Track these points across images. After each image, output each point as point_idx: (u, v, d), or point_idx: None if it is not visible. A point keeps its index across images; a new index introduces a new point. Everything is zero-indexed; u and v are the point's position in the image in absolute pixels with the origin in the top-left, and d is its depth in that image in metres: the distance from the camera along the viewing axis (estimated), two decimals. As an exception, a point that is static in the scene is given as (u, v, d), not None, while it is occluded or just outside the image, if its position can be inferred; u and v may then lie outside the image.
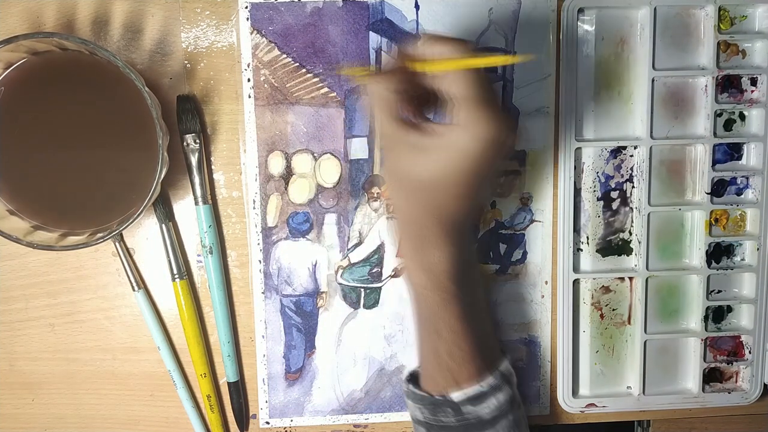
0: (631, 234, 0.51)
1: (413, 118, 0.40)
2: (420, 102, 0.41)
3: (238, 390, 0.49)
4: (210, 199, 0.47)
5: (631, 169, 0.50)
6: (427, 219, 0.40)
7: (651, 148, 0.49)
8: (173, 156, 0.46)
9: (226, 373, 0.49)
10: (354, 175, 0.49)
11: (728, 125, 0.50)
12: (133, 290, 0.48)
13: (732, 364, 0.52)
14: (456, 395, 0.41)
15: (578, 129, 0.49)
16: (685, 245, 0.51)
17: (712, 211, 0.50)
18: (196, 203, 0.47)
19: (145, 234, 0.48)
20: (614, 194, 0.50)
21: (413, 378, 0.45)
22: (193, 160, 0.46)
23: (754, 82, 0.50)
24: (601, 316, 0.52)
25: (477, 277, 0.45)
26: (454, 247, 0.41)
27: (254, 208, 0.48)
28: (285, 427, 0.50)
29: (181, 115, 0.46)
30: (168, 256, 0.47)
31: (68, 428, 0.50)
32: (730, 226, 0.51)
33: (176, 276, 0.47)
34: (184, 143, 0.46)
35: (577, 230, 0.51)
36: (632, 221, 0.51)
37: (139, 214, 0.41)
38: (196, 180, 0.46)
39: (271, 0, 0.46)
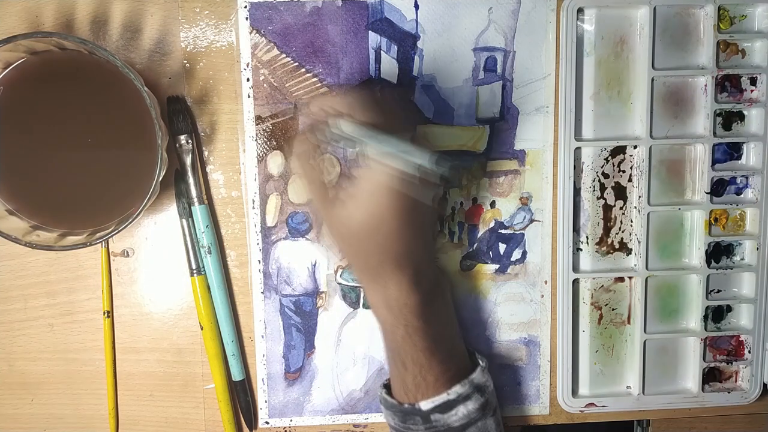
0: (630, 234, 0.51)
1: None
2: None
3: (245, 388, 0.49)
4: (205, 199, 0.47)
5: (631, 168, 0.50)
6: (376, 260, 0.41)
7: (650, 147, 0.49)
8: (172, 156, 0.46)
9: (231, 372, 0.49)
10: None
11: (728, 125, 0.50)
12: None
13: (731, 363, 0.52)
14: (424, 404, 0.42)
15: (578, 128, 0.49)
16: (684, 245, 0.51)
17: (711, 211, 0.50)
18: (191, 204, 0.47)
19: (144, 234, 0.48)
20: (613, 194, 0.50)
21: (387, 384, 0.46)
22: (187, 160, 0.46)
23: (753, 81, 0.50)
24: (601, 315, 0.52)
25: (444, 302, 0.45)
26: (412, 281, 0.41)
27: (253, 207, 0.48)
28: (284, 427, 0.50)
29: (172, 117, 0.46)
30: (187, 252, 0.47)
31: (68, 428, 0.50)
32: (729, 226, 0.51)
33: (194, 271, 0.47)
34: (177, 144, 0.46)
35: (576, 230, 0.50)
36: (632, 221, 0.51)
37: (138, 214, 0.41)
38: (191, 180, 0.46)
39: (271, -1, 0.46)
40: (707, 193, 0.50)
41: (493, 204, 0.50)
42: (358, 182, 0.39)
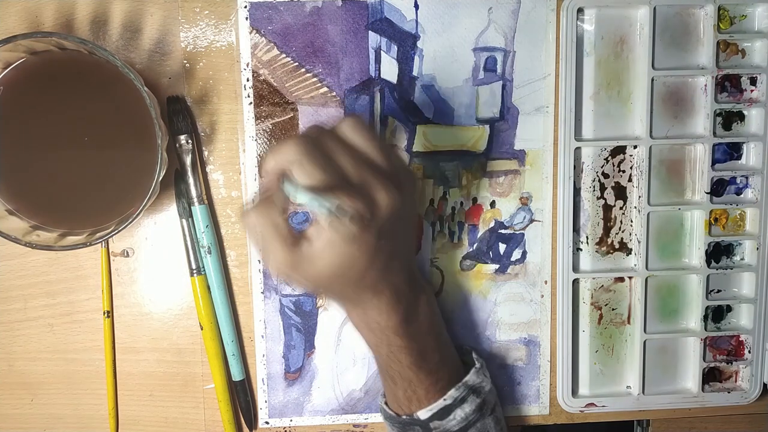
0: (630, 234, 0.51)
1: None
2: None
3: (245, 388, 0.49)
4: (205, 199, 0.47)
5: (631, 168, 0.50)
6: (352, 291, 0.40)
7: (650, 147, 0.49)
8: (172, 156, 0.46)
9: (231, 372, 0.49)
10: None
11: (728, 125, 0.50)
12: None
13: (731, 363, 0.52)
14: (422, 413, 0.42)
15: (578, 128, 0.49)
16: (684, 245, 0.51)
17: (711, 211, 0.50)
18: (191, 204, 0.47)
19: (144, 234, 0.48)
20: (614, 194, 0.50)
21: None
22: (187, 160, 0.46)
23: (753, 81, 0.50)
24: (601, 315, 0.52)
25: (427, 314, 0.44)
26: (391, 303, 0.41)
27: (253, 207, 0.48)
28: (284, 427, 0.50)
29: (172, 117, 0.45)
30: (187, 252, 0.47)
31: (67, 428, 0.50)
32: (729, 226, 0.51)
33: (194, 271, 0.47)
34: (177, 144, 0.46)
35: (576, 230, 0.50)
36: (632, 221, 0.51)
37: (138, 214, 0.41)
38: (191, 180, 0.46)
39: (271, -1, 0.46)
40: (707, 193, 0.50)
41: (493, 204, 0.50)
42: (315, 237, 0.37)
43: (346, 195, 0.36)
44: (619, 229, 0.51)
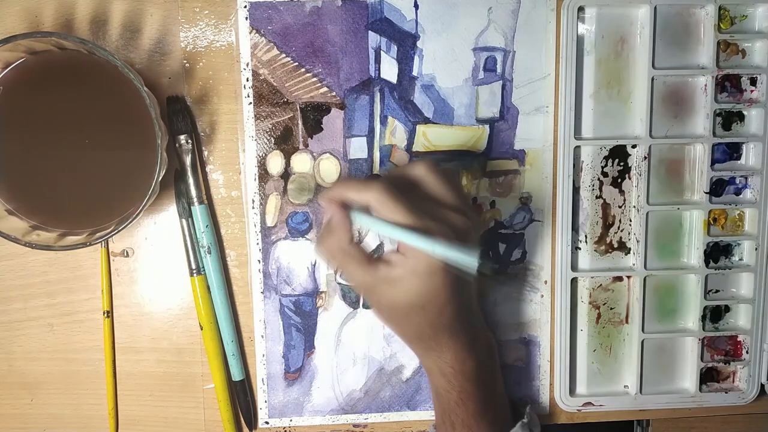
0: (629, 233, 0.51)
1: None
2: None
3: (245, 388, 0.49)
4: (205, 199, 0.47)
5: (630, 167, 0.50)
6: (430, 333, 0.41)
7: (650, 147, 0.49)
8: (171, 156, 0.46)
9: (231, 372, 0.49)
10: (353, 174, 0.49)
11: (727, 125, 0.50)
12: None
13: (729, 363, 0.52)
14: None
15: (577, 127, 0.49)
16: (683, 245, 0.51)
17: (710, 211, 0.50)
18: (191, 204, 0.46)
19: (144, 234, 0.48)
20: (613, 193, 0.51)
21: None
22: (187, 160, 0.46)
23: (753, 81, 0.50)
24: (599, 314, 0.52)
25: (494, 364, 0.45)
26: (467, 347, 0.42)
27: (253, 207, 0.48)
28: (284, 427, 0.50)
29: (172, 116, 0.45)
30: (187, 252, 0.47)
31: (67, 428, 0.50)
32: (728, 226, 0.51)
33: (194, 271, 0.47)
34: (177, 144, 0.46)
35: (575, 228, 0.51)
36: (630, 220, 0.51)
37: (138, 214, 0.41)
38: (191, 180, 0.46)
39: (270, -1, 0.46)
40: (706, 193, 0.50)
41: (493, 204, 0.50)
42: (399, 263, 0.38)
43: (432, 223, 0.37)
44: (618, 228, 0.51)
